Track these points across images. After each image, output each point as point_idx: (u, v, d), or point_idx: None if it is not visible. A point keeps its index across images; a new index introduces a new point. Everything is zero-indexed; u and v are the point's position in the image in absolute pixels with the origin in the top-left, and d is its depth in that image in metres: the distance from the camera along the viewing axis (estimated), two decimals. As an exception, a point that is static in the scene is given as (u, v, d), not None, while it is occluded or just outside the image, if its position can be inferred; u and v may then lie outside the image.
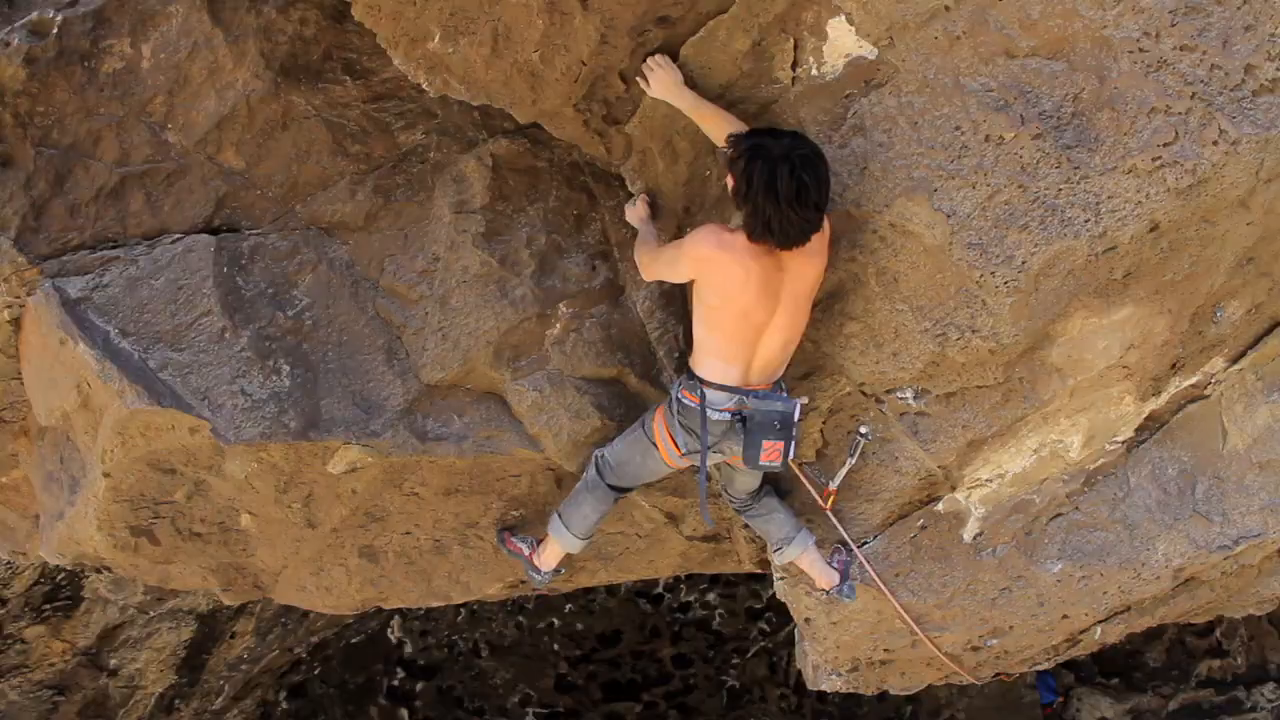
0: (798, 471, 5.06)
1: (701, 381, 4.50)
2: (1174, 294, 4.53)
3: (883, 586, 5.12)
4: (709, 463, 4.72)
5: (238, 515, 5.22)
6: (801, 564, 5.18)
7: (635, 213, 4.89)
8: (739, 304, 4.27)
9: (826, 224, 4.26)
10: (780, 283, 4.27)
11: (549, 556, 5.31)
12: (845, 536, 5.11)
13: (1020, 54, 4.19)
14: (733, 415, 4.51)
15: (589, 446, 5.09)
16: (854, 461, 4.88)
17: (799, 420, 4.55)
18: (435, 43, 4.32)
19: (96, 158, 4.70)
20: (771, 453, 4.53)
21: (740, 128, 4.33)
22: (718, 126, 4.40)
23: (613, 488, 4.97)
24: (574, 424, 5.05)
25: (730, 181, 4.19)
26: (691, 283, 4.46)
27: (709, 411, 4.49)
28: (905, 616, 5.14)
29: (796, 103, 4.53)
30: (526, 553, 5.39)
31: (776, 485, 5.23)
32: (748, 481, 5.04)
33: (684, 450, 4.67)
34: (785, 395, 4.61)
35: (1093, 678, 8.02)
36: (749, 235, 4.15)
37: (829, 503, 5.04)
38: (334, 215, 4.92)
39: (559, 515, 5.12)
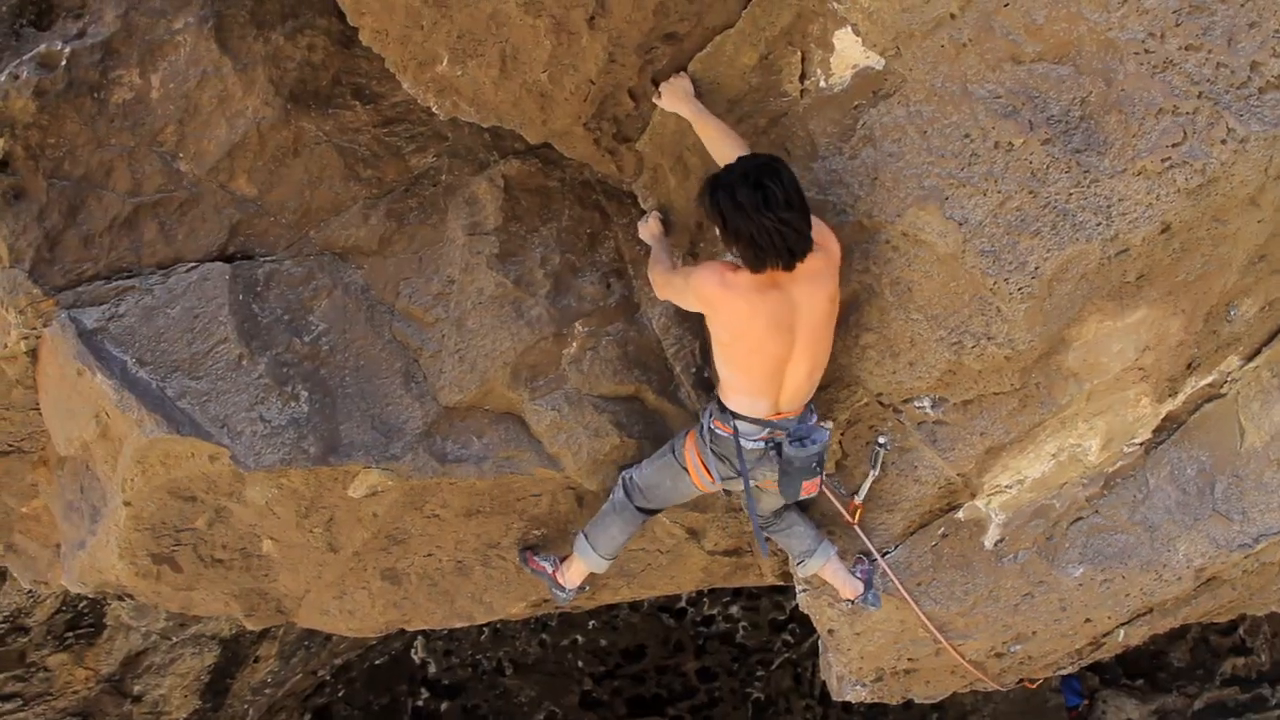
0: (827, 491, 5.05)
1: (733, 415, 4.51)
2: (1187, 294, 4.53)
3: (906, 595, 5.11)
4: (732, 487, 4.77)
5: (259, 541, 5.22)
6: (824, 575, 5.18)
7: (648, 230, 4.90)
8: (750, 340, 4.27)
9: (831, 246, 4.25)
10: (791, 315, 4.23)
11: (574, 575, 5.32)
12: (870, 547, 5.10)
13: (1027, 59, 4.19)
14: (766, 444, 4.52)
15: (609, 464, 5.09)
16: (877, 473, 4.89)
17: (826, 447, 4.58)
18: (444, 65, 4.33)
19: (109, 188, 4.69)
20: (811, 488, 4.59)
21: (741, 147, 4.32)
22: (718, 144, 4.39)
23: (641, 510, 4.98)
24: (593, 442, 5.05)
25: (716, 230, 4.22)
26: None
27: (743, 442, 4.52)
28: (928, 625, 5.13)
29: (805, 115, 4.54)
30: (550, 571, 5.40)
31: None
32: (774, 502, 5.02)
33: (717, 478, 4.68)
34: (816, 423, 4.61)
35: (1118, 680, 8.00)
36: (751, 268, 4.12)
37: (856, 517, 5.04)
38: (348, 240, 4.93)
39: (585, 536, 5.17)
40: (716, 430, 4.54)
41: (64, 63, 4.54)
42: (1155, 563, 5.07)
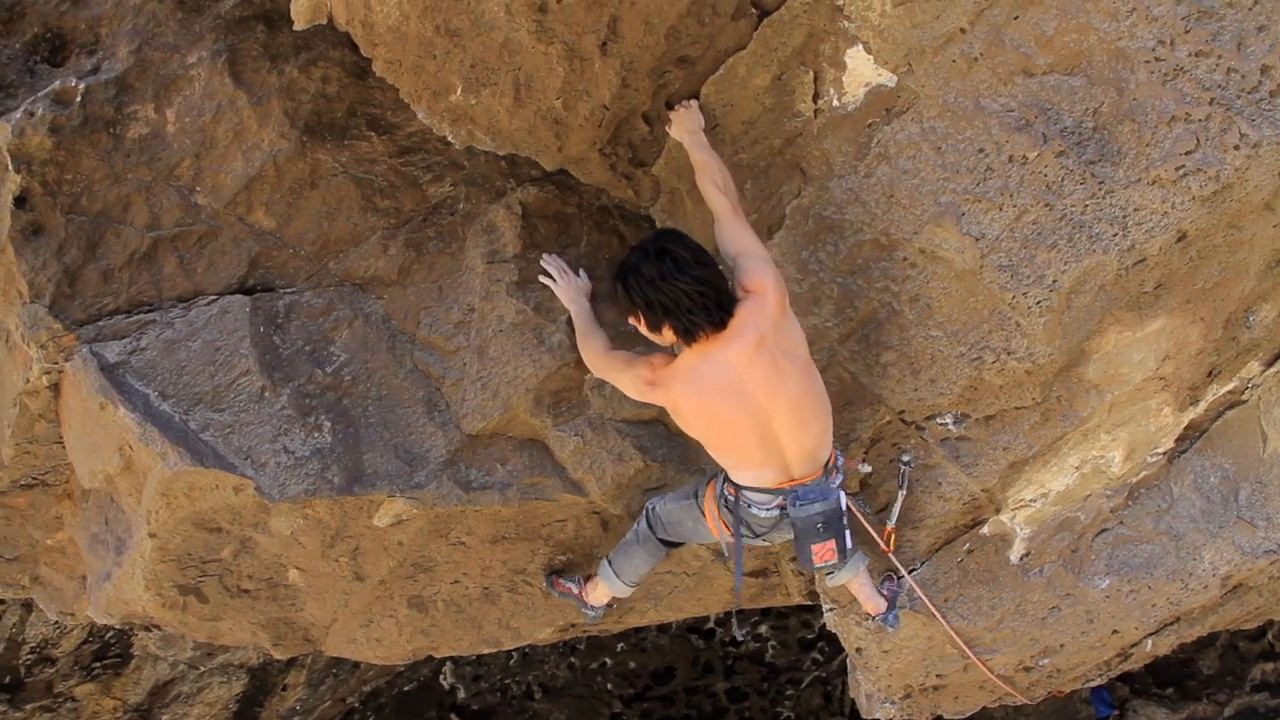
0: (862, 520, 4.98)
1: (739, 488, 4.44)
2: (1206, 302, 4.52)
3: (935, 612, 5.09)
4: (762, 544, 4.70)
5: (285, 570, 5.23)
6: (852, 587, 5.15)
7: (564, 291, 4.84)
8: (710, 420, 4.24)
9: (759, 287, 4.11)
10: (737, 379, 4.11)
11: (600, 594, 5.34)
12: (900, 569, 5.08)
13: (1038, 71, 4.20)
14: (780, 510, 4.42)
15: (633, 488, 5.11)
16: (905, 493, 4.86)
17: (847, 509, 4.44)
18: (458, 95, 4.33)
19: (127, 223, 4.72)
20: (824, 553, 4.42)
21: (721, 184, 4.34)
22: (711, 197, 4.38)
23: (664, 542, 4.95)
24: (617, 467, 5.06)
25: (640, 321, 4.14)
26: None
27: (754, 509, 4.45)
28: (957, 640, 5.11)
29: (820, 135, 4.55)
30: (576, 591, 5.42)
31: None
32: None
33: (736, 534, 4.58)
34: (832, 486, 4.42)
35: (1148, 689, 7.97)
36: (686, 341, 4.07)
37: (891, 544, 5.00)
38: (367, 270, 4.95)
39: (609, 563, 5.16)
40: (727, 494, 4.51)
41: (79, 99, 4.56)
42: (1181, 572, 5.05)
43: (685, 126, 4.55)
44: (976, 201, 4.32)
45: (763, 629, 7.81)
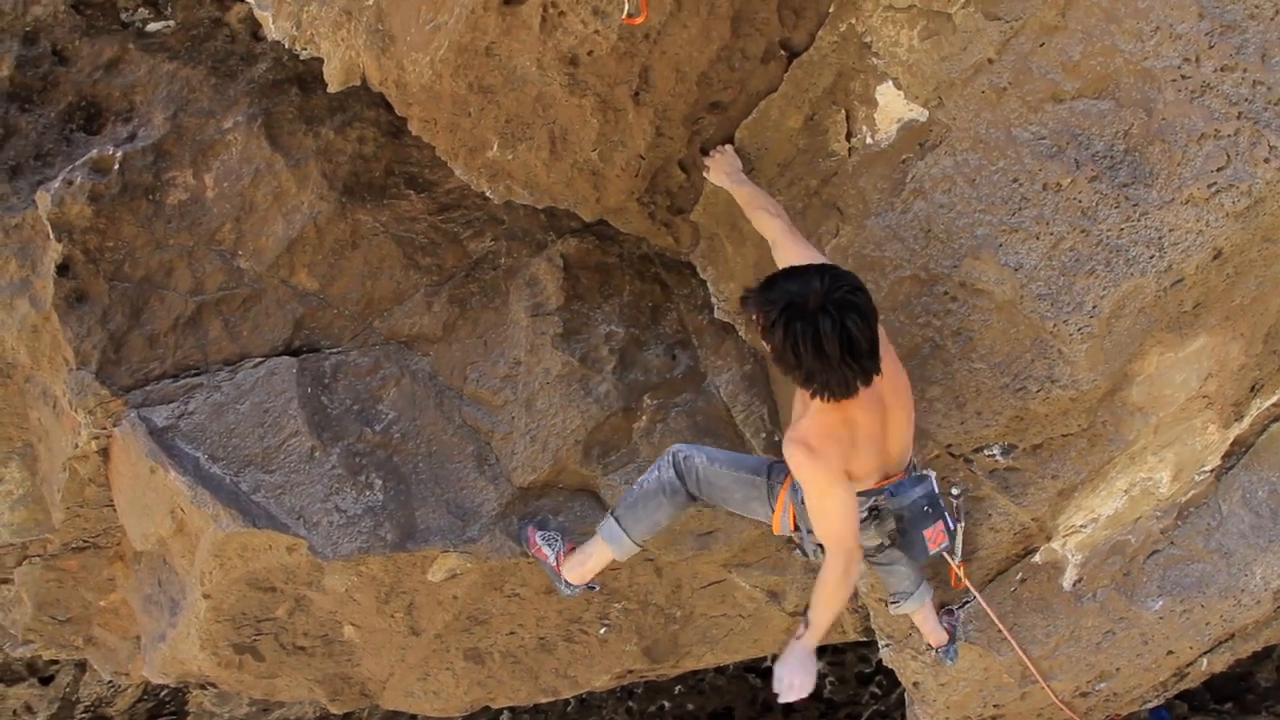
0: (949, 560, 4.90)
1: None
2: (1245, 317, 4.52)
3: (1007, 634, 5.06)
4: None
5: (340, 627, 5.25)
6: (916, 618, 5.10)
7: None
8: (857, 441, 3.95)
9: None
10: (876, 396, 3.91)
11: (587, 568, 4.82)
12: (971, 588, 5.02)
13: (1067, 97, 4.22)
14: (870, 512, 4.31)
15: (686, 534, 5.09)
16: (963, 525, 4.81)
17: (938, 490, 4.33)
18: (494, 151, 4.37)
19: (170, 288, 4.77)
20: (936, 536, 4.30)
21: (774, 217, 4.21)
22: (753, 214, 4.35)
23: (694, 497, 4.57)
24: (668, 514, 5.05)
25: (769, 348, 3.74)
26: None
27: None
28: (1028, 663, 5.08)
29: (855, 173, 4.58)
30: (552, 561, 4.90)
31: None
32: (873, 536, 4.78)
33: (802, 527, 4.34)
34: (919, 474, 4.33)
35: (1206, 705, 7.90)
36: (823, 399, 3.72)
37: (962, 580, 4.96)
38: (412, 328, 4.99)
39: (617, 521, 4.65)
40: None
41: (117, 166, 4.63)
42: (1234, 588, 5.03)
43: (723, 170, 4.58)
44: (1013, 232, 4.34)
45: (820, 665, 7.77)
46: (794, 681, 4.21)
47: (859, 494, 4.13)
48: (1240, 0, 3.95)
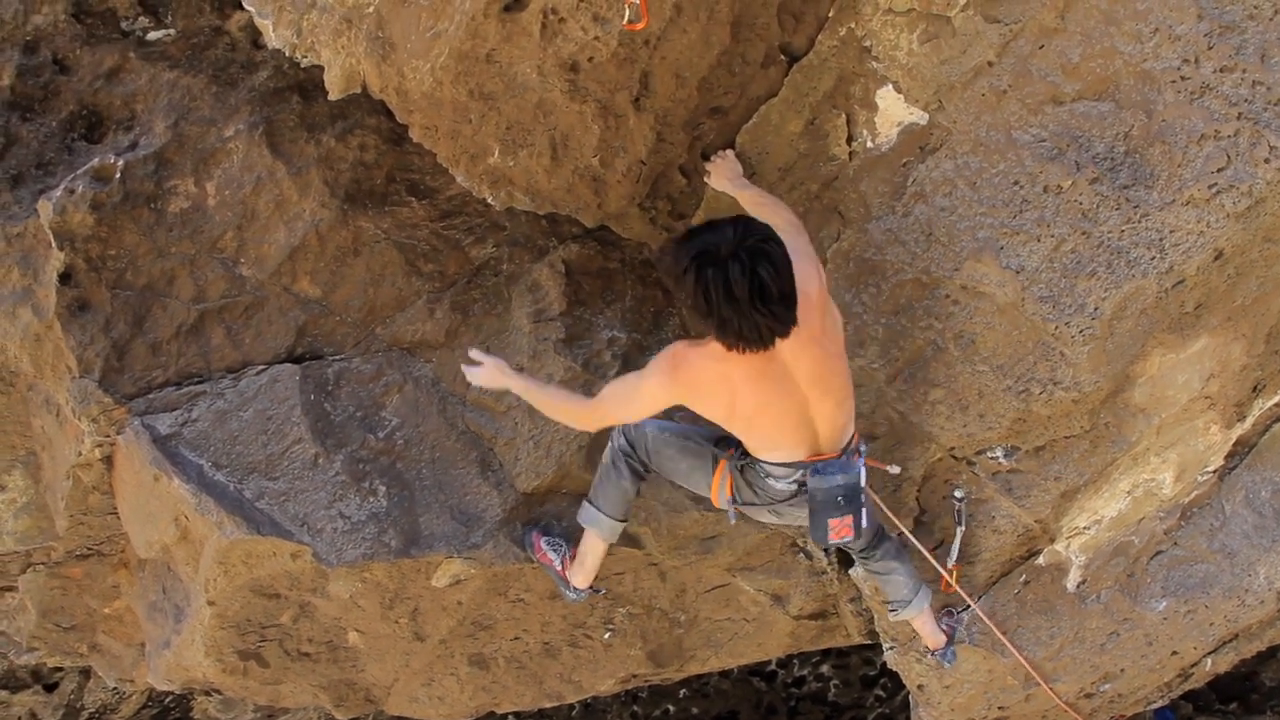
0: (916, 544, 4.95)
1: (765, 464, 4.23)
2: (1246, 318, 4.53)
3: (1005, 640, 5.08)
4: (756, 517, 4.51)
5: (345, 633, 5.25)
6: (915, 623, 5.10)
7: (488, 375, 4.38)
8: (749, 407, 3.97)
9: (810, 287, 3.84)
10: (783, 370, 3.90)
11: (586, 568, 4.87)
12: (973, 605, 5.04)
13: (1067, 99, 4.23)
14: (799, 486, 4.23)
15: (690, 539, 5.10)
16: (963, 529, 4.85)
17: (866, 485, 4.25)
18: (495, 157, 4.37)
19: (173, 296, 4.77)
20: (841, 529, 4.20)
21: (782, 214, 4.20)
22: (766, 216, 4.18)
23: (645, 466, 4.59)
24: (672, 519, 5.09)
25: (683, 298, 3.79)
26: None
27: (770, 480, 4.26)
28: (1028, 668, 5.09)
29: (856, 177, 4.58)
30: (558, 567, 4.95)
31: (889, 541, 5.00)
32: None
33: (739, 502, 4.38)
34: (854, 461, 4.21)
35: (1211, 705, 7.92)
36: (725, 347, 3.70)
37: (955, 580, 4.98)
38: (415, 335, 4.99)
39: (589, 501, 4.71)
40: (746, 460, 4.29)
41: (118, 175, 4.63)
42: (1237, 589, 5.04)
43: (725, 175, 4.57)
44: (1014, 234, 4.35)
45: (824, 668, 7.75)
46: (478, 373, 4.33)
47: (784, 464, 4.17)
48: (1239, 1, 3.94)
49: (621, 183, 4.57)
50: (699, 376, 3.90)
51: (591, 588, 4.98)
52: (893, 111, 4.49)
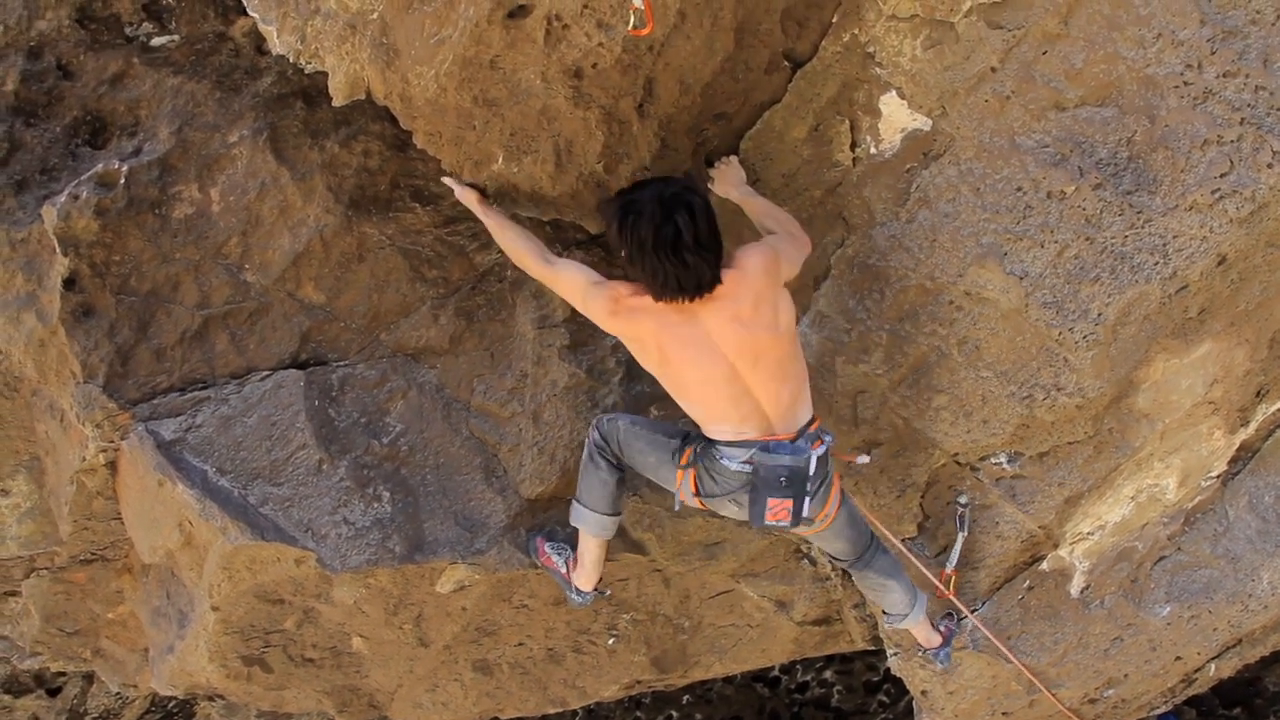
0: (896, 543, 4.99)
1: (717, 443, 4.23)
2: (1249, 323, 4.52)
3: (1001, 646, 5.07)
4: (721, 511, 4.45)
5: (349, 639, 5.26)
6: (911, 630, 5.11)
7: (467, 195, 4.54)
8: (679, 363, 4.09)
9: (749, 262, 4.01)
10: (709, 339, 4.02)
11: (588, 564, 4.86)
12: (967, 613, 5.05)
13: (1070, 105, 4.22)
14: (752, 469, 4.18)
15: (694, 545, 5.09)
16: (965, 535, 4.85)
17: (816, 471, 4.18)
18: (499, 164, 4.36)
19: (177, 301, 4.77)
20: (778, 511, 4.17)
21: (785, 224, 4.30)
22: (762, 223, 4.39)
23: (620, 460, 4.61)
24: (676, 525, 5.08)
25: (618, 250, 4.02)
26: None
27: (725, 461, 4.21)
28: (1029, 675, 5.09)
29: (860, 183, 4.58)
30: (563, 571, 4.97)
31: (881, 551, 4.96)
32: (828, 545, 4.78)
33: (702, 492, 4.37)
34: (807, 446, 4.18)
35: (1214, 710, 7.92)
36: (654, 297, 3.95)
37: (951, 587, 4.99)
38: (419, 341, 4.99)
39: (576, 499, 4.72)
40: (701, 445, 4.32)
41: (123, 181, 4.62)
42: (1241, 594, 5.04)
43: (730, 182, 4.57)
44: (1018, 240, 4.34)
45: (828, 674, 7.76)
46: (457, 188, 4.50)
47: (735, 443, 4.19)
48: (1242, 6, 3.93)
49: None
50: (629, 321, 4.05)
51: (597, 590, 4.97)
52: (896, 117, 4.49)
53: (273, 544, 4.70)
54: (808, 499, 4.20)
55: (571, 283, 4.20)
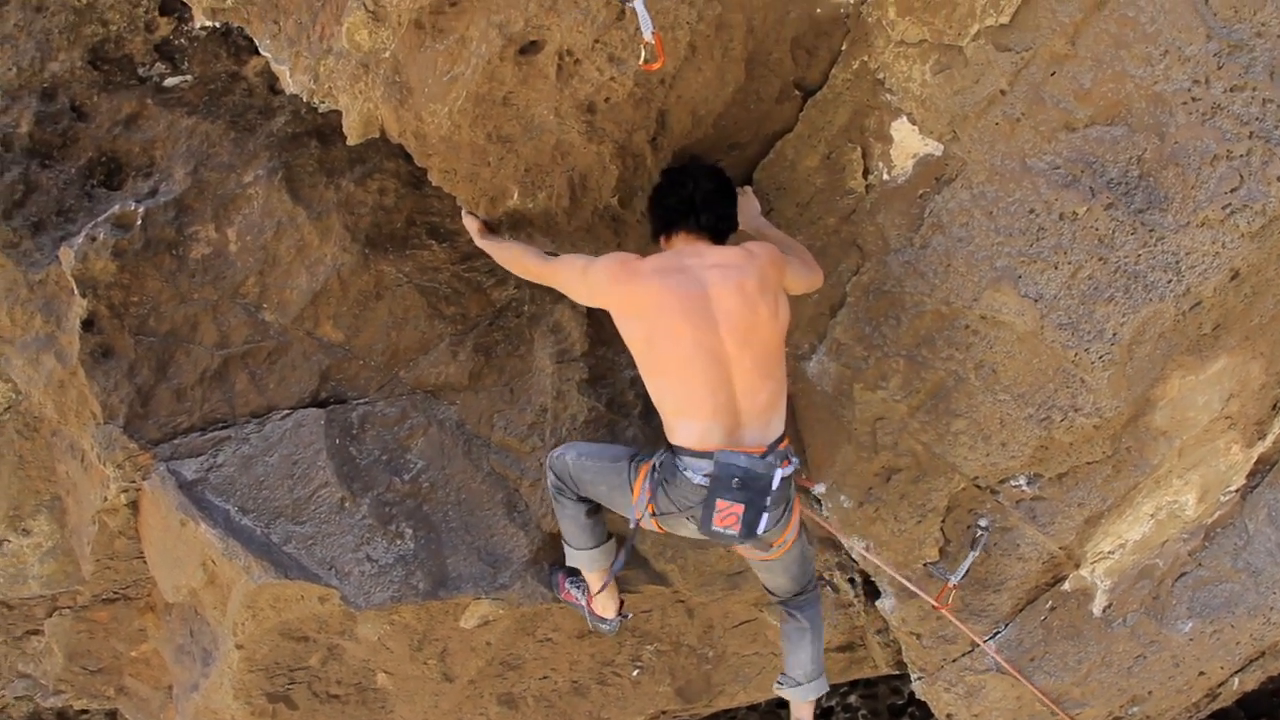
0: (906, 583, 4.96)
1: (679, 451, 4.10)
2: (1264, 336, 4.52)
3: (1016, 674, 5.06)
4: (678, 530, 4.33)
5: (374, 675, 5.25)
6: (796, 710, 4.98)
7: (469, 222, 4.62)
8: (666, 328, 4.02)
9: (761, 254, 4.11)
10: (704, 298, 4.00)
11: (605, 596, 4.82)
12: (968, 633, 5.05)
13: (1080, 125, 4.23)
14: (712, 482, 3.99)
15: (717, 575, 5.10)
16: (976, 554, 4.84)
17: (778, 489, 4.02)
18: (514, 200, 4.39)
19: (196, 342, 4.80)
20: (727, 517, 3.96)
21: (799, 250, 4.40)
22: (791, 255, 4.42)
23: (582, 499, 4.57)
24: (698, 555, 5.10)
25: (649, 210, 4.37)
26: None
27: (687, 472, 4.08)
28: (1042, 698, 5.08)
29: (874, 210, 4.60)
30: (584, 602, 4.92)
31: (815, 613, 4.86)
32: (771, 578, 4.70)
33: (658, 510, 4.22)
34: (770, 461, 4.02)
35: (1240, 723, 7.92)
36: (657, 230, 4.29)
37: (949, 600, 4.96)
38: (438, 377, 5.01)
39: (563, 541, 4.73)
40: (661, 462, 4.22)
41: (139, 222, 4.67)
42: (1262, 607, 5.01)
43: (744, 213, 4.58)
44: (1032, 262, 4.36)
45: (852, 699, 7.71)
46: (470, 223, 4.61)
47: (699, 454, 4.06)
48: (1247, 19, 3.95)
49: (642, 222, 4.59)
50: (631, 283, 4.07)
51: (620, 614, 4.94)
52: (908, 143, 4.51)
53: (296, 582, 4.71)
54: (764, 514, 4.01)
55: (570, 266, 4.24)
